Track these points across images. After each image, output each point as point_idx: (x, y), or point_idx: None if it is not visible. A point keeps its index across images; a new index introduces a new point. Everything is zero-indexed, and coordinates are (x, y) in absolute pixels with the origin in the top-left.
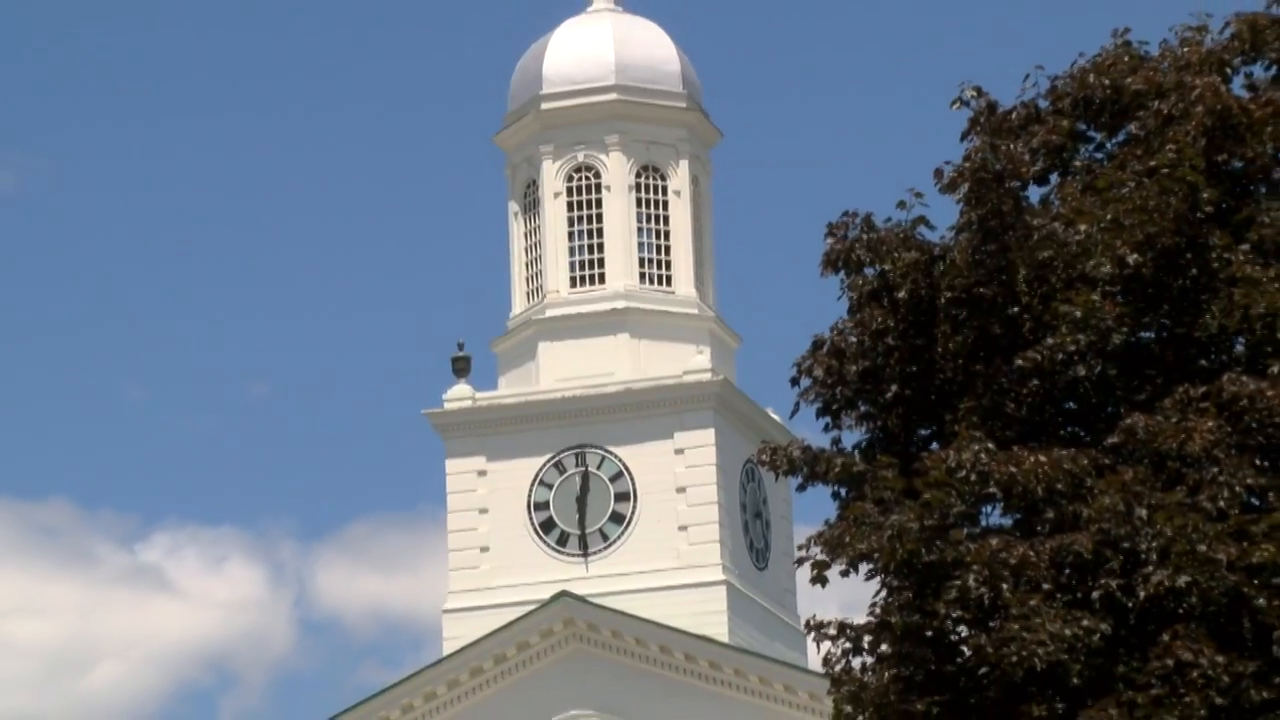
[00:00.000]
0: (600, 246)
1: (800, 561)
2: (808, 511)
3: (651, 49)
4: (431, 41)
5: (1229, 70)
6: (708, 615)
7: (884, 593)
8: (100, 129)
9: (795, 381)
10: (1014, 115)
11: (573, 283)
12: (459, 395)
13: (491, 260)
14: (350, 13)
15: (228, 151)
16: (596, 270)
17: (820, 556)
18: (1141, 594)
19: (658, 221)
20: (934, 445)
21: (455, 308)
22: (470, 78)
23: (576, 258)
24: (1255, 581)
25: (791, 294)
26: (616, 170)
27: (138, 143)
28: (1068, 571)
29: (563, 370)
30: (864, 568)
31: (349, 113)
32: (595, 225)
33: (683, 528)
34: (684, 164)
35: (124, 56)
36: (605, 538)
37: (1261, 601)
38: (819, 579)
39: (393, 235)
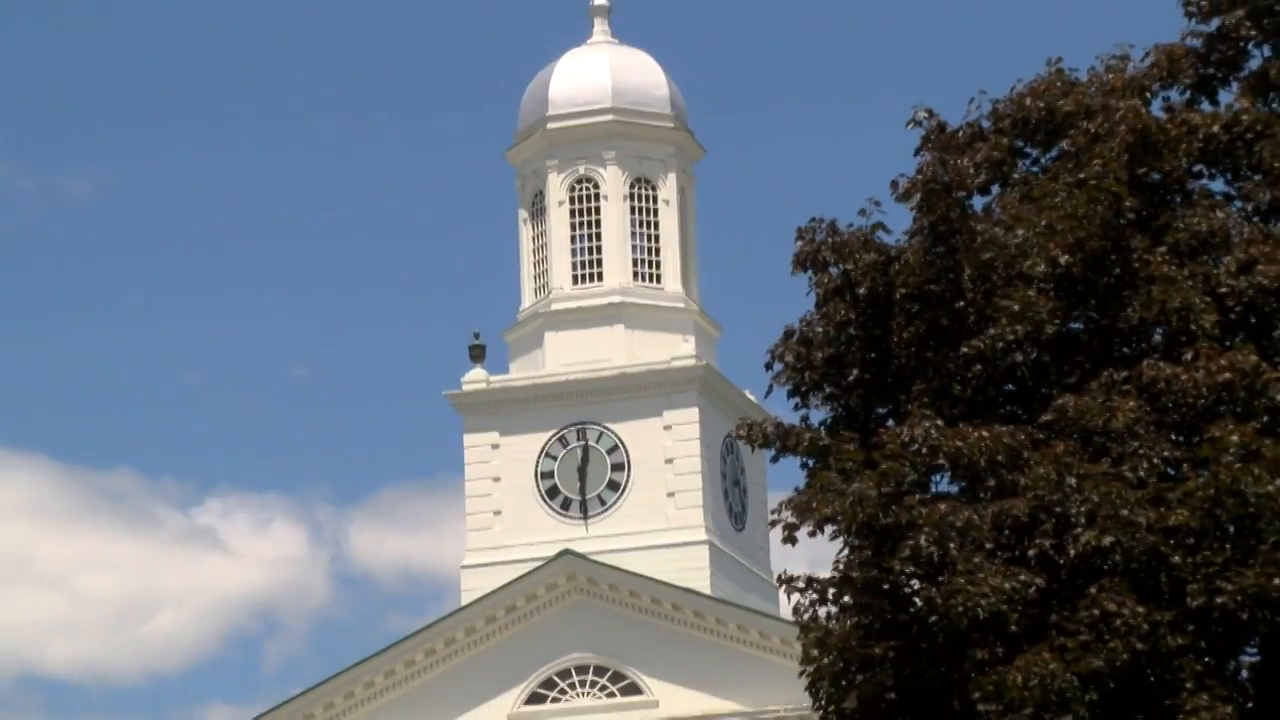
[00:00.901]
0: (599, 249)
1: (773, 524)
2: (780, 480)
3: (644, 76)
4: (453, 70)
5: (1149, 94)
6: (692, 570)
7: (846, 551)
8: (160, 144)
9: (769, 366)
10: (960, 134)
11: (574, 280)
12: (475, 378)
13: (503, 260)
14: (390, 50)
15: (280, 166)
16: (595, 269)
17: (791, 519)
18: (1071, 552)
19: (649, 227)
20: (890, 422)
21: (472, 302)
22: (485, 101)
23: (578, 258)
24: (1171, 541)
25: (766, 290)
26: (613, 182)
27: (197, 154)
28: (1007, 533)
29: (566, 357)
30: (829, 529)
31: (381, 135)
32: (594, 230)
33: (670, 494)
34: (672, 176)
35: (161, 77)
36: (603, 503)
37: (1177, 559)
38: (789, 539)
39: (417, 239)
